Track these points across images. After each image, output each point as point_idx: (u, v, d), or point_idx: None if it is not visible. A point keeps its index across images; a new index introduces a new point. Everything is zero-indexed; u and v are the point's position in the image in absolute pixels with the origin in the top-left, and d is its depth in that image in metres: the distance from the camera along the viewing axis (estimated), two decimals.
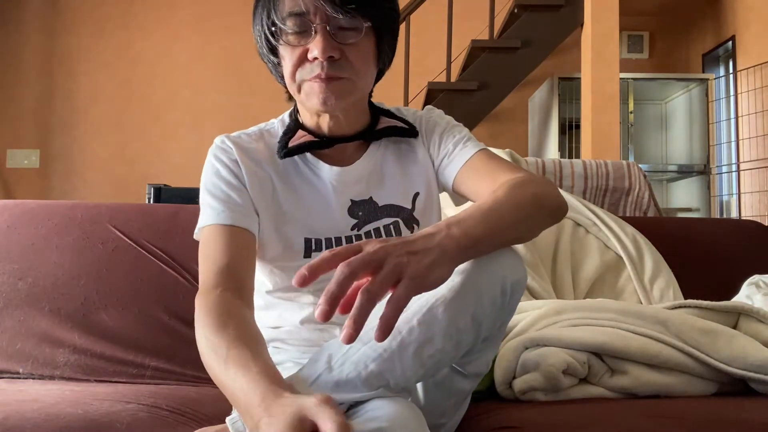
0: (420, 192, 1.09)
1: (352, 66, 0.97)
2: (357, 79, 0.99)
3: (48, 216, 1.54)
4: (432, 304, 0.81)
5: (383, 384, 0.82)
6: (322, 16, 0.94)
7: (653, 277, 1.60)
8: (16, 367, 1.39)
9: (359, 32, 0.96)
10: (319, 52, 0.94)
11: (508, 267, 0.86)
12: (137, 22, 4.93)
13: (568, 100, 4.34)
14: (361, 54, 0.98)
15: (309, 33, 0.95)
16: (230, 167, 1.05)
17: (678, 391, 1.17)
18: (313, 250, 1.03)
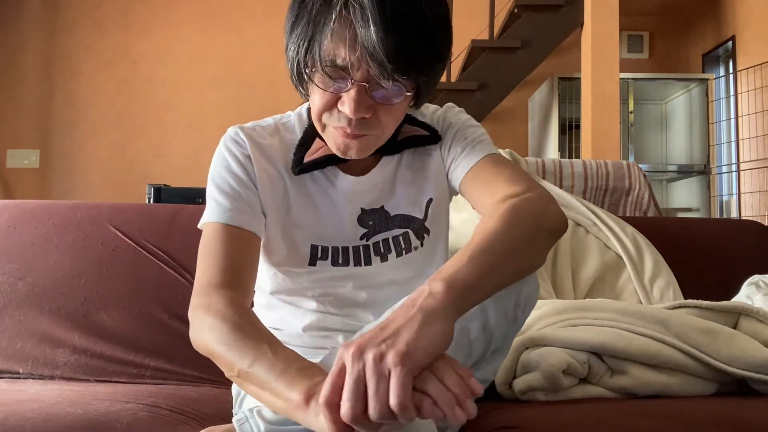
0: (433, 198, 1.04)
1: (380, 124, 0.90)
2: (383, 134, 0.93)
3: (48, 216, 1.54)
4: None
5: None
6: (364, 75, 0.83)
7: (653, 277, 1.60)
8: (16, 367, 1.39)
9: (400, 96, 0.87)
10: (349, 111, 0.85)
11: (525, 283, 0.84)
12: (137, 22, 4.93)
13: (568, 100, 4.34)
14: (393, 114, 0.91)
15: (345, 83, 0.85)
16: (242, 162, 0.98)
17: (678, 391, 1.17)
18: (318, 258, 1.00)
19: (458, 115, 1.08)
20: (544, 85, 4.57)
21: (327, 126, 0.92)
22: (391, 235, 1.01)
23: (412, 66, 0.82)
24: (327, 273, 1.00)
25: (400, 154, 1.04)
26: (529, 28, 3.99)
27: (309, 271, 1.00)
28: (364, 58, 0.81)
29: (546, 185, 1.81)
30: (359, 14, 0.80)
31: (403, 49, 0.80)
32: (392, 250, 1.01)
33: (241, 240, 0.94)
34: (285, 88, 1.03)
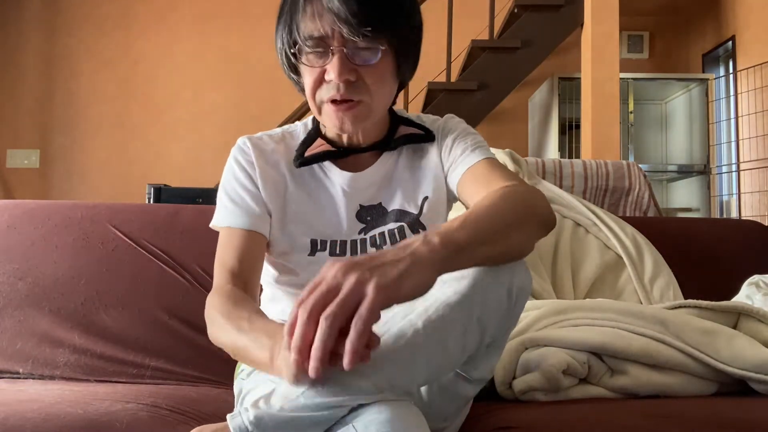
0: (429, 196, 1.09)
1: (368, 88, 0.98)
2: (372, 101, 1.00)
3: (48, 216, 1.54)
4: (437, 306, 0.81)
5: (387, 387, 0.82)
6: (339, 39, 0.94)
7: (653, 277, 1.60)
8: (16, 367, 1.39)
9: (376, 54, 0.96)
10: (335, 75, 0.95)
11: (516, 272, 0.86)
12: (137, 22, 4.93)
13: (568, 100, 4.34)
14: (377, 75, 0.98)
15: (327, 54, 0.96)
16: (246, 169, 1.07)
17: (678, 391, 1.17)
18: (318, 250, 1.05)
19: (458, 124, 1.14)
20: (544, 85, 4.57)
21: (322, 105, 1.01)
22: (387, 229, 1.07)
23: (375, 20, 0.93)
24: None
25: (398, 152, 1.11)
26: (529, 28, 3.99)
27: (309, 261, 1.05)
28: (334, 23, 0.93)
29: (546, 185, 1.81)
30: None
31: (364, 5, 0.92)
32: (387, 242, 1.06)
33: (247, 240, 1.03)
34: (285, 88, 1.10)
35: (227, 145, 4.46)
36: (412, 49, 1.04)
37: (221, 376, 1.38)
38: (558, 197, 1.76)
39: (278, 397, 0.83)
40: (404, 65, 1.04)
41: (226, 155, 1.12)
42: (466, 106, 4.00)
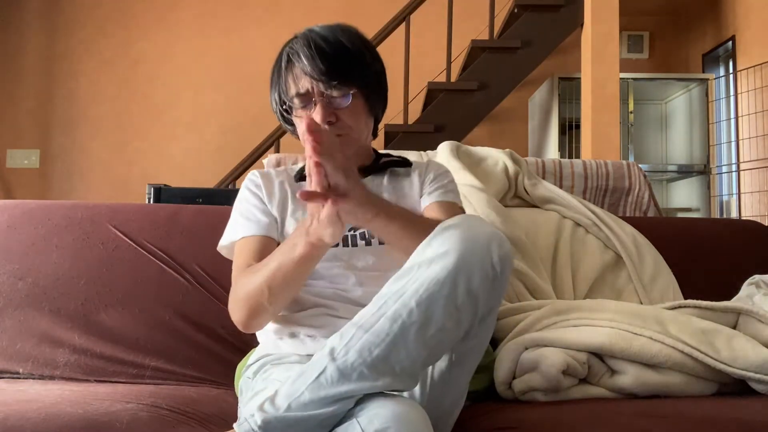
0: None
1: (346, 125, 1.19)
2: (353, 133, 1.21)
3: (48, 216, 1.54)
4: (428, 285, 0.88)
5: (389, 371, 0.86)
6: (318, 92, 1.18)
7: (653, 277, 1.60)
8: (16, 367, 1.39)
9: (347, 98, 1.19)
10: (319, 119, 1.16)
11: (494, 241, 0.93)
12: (137, 22, 4.93)
13: (568, 100, 4.33)
14: (353, 114, 1.21)
15: (311, 105, 1.19)
16: (255, 192, 1.28)
17: (678, 391, 1.17)
18: None
19: (444, 167, 1.37)
20: (544, 85, 4.57)
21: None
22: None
23: (341, 74, 1.17)
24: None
25: (383, 177, 1.31)
26: (529, 28, 3.99)
27: None
28: (311, 82, 1.17)
29: (546, 185, 1.81)
30: (296, 59, 1.20)
31: (329, 64, 1.17)
32: (375, 237, 1.21)
33: (262, 243, 1.21)
34: None
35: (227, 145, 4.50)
36: (378, 89, 1.26)
37: (221, 376, 1.39)
38: (558, 197, 1.76)
39: (283, 396, 0.86)
40: (374, 103, 1.25)
41: (226, 155, 1.15)
42: (466, 106, 4.00)
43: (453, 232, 0.92)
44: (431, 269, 0.89)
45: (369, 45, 1.28)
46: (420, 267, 0.91)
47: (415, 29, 4.13)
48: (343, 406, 0.86)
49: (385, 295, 0.91)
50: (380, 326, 0.87)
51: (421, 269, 0.90)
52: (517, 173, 1.79)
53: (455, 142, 1.85)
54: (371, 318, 0.88)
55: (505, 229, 1.58)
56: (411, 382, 0.91)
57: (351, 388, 0.86)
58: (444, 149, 1.82)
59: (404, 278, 0.91)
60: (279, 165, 1.92)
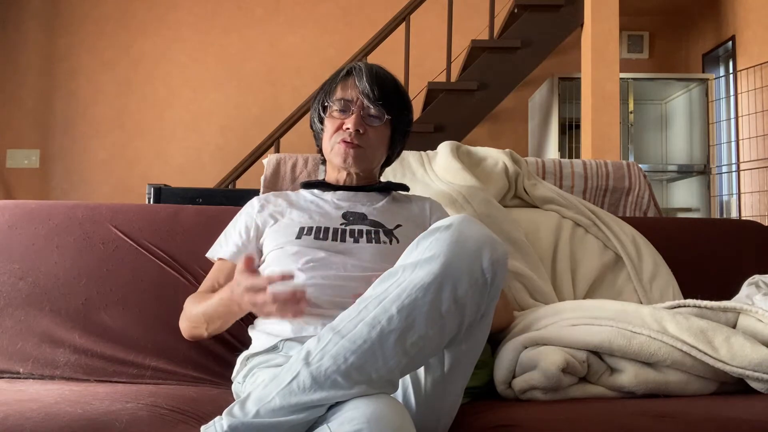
0: (402, 225, 1.34)
1: (370, 141, 1.34)
2: (371, 152, 1.36)
3: (48, 216, 1.54)
4: (410, 290, 0.85)
5: (365, 379, 0.83)
6: (359, 104, 1.34)
7: (653, 277, 1.60)
8: (16, 367, 1.39)
9: (381, 120, 1.35)
10: (351, 125, 1.32)
11: (486, 246, 0.89)
12: (137, 22, 4.93)
13: (568, 100, 4.33)
14: (378, 135, 1.36)
15: (348, 113, 1.34)
16: (248, 212, 1.39)
17: (677, 390, 1.17)
18: (304, 234, 1.28)
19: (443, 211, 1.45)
20: (544, 85, 4.57)
21: (335, 144, 1.35)
22: (365, 228, 1.31)
23: (385, 98, 1.34)
24: (309, 244, 1.26)
25: (384, 198, 1.41)
26: (529, 28, 3.99)
27: (294, 242, 1.27)
28: (359, 94, 1.34)
29: (546, 185, 1.82)
30: (357, 73, 1.35)
31: (380, 88, 1.34)
32: (364, 236, 1.28)
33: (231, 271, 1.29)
34: (284, 89, 1.30)
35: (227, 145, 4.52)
36: (404, 129, 1.42)
37: (221, 377, 1.39)
38: (558, 197, 1.76)
39: (253, 400, 0.84)
40: (396, 140, 1.41)
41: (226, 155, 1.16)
42: (466, 106, 4.00)
43: (442, 235, 0.89)
44: (416, 274, 0.86)
45: (410, 100, 1.45)
46: (405, 270, 0.88)
47: (415, 29, 4.13)
48: (314, 413, 0.83)
49: (366, 298, 0.88)
50: (358, 332, 0.84)
51: (405, 272, 0.87)
52: (517, 173, 1.79)
53: (455, 142, 1.85)
54: (349, 323, 0.86)
55: (505, 229, 1.59)
56: (389, 387, 0.87)
57: (323, 396, 0.82)
58: (444, 149, 1.82)
59: (388, 281, 0.89)
60: (279, 165, 1.92)
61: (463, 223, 0.92)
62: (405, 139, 1.45)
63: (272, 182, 1.90)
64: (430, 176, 1.78)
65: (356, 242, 1.27)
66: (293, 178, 1.90)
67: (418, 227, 1.31)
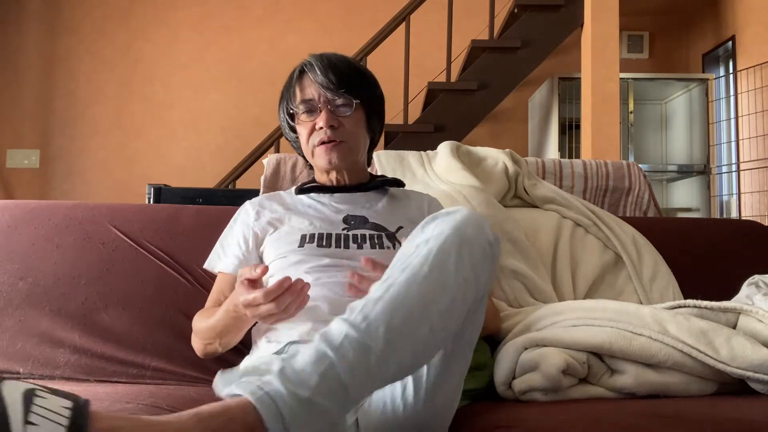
0: (404, 227, 1.32)
1: (348, 132, 1.31)
2: (352, 143, 1.32)
3: (48, 216, 1.54)
4: (436, 251, 0.85)
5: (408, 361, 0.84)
6: (324, 99, 1.29)
7: (653, 277, 1.60)
8: (16, 367, 1.39)
9: (351, 107, 1.30)
10: (323, 123, 1.29)
11: (486, 222, 0.93)
12: (137, 22, 4.93)
13: (568, 100, 4.33)
14: (354, 123, 1.32)
15: (316, 112, 1.31)
16: (244, 220, 1.36)
17: (677, 390, 1.17)
18: (306, 242, 1.26)
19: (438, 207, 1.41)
20: (544, 85, 4.57)
21: (314, 149, 1.31)
22: (368, 232, 1.29)
23: (347, 84, 1.29)
24: (312, 251, 1.24)
25: (380, 196, 1.39)
26: (529, 28, 3.99)
27: (297, 251, 1.25)
28: (320, 89, 1.29)
29: (546, 185, 1.81)
30: (309, 68, 1.31)
31: (338, 75, 1.29)
32: (367, 241, 1.27)
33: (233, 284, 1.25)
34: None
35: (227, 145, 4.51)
36: (377, 108, 1.38)
37: None
38: (558, 197, 1.76)
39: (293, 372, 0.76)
40: (373, 122, 1.38)
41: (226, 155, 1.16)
42: (466, 106, 4.00)
43: (446, 217, 0.92)
44: (431, 244, 0.86)
45: (372, 74, 1.39)
46: (418, 247, 0.87)
47: (415, 29, 4.13)
48: None
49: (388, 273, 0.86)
50: (395, 292, 0.82)
51: (419, 248, 0.86)
52: (517, 173, 1.79)
53: (455, 142, 1.85)
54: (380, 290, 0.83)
55: (505, 229, 1.58)
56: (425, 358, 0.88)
57: None
58: (444, 149, 1.82)
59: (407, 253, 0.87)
60: (279, 165, 1.92)
61: (462, 209, 0.95)
62: (382, 117, 1.41)
63: (272, 182, 1.90)
64: (430, 176, 1.78)
65: (359, 248, 1.25)
66: (293, 178, 1.90)
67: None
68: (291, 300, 1.01)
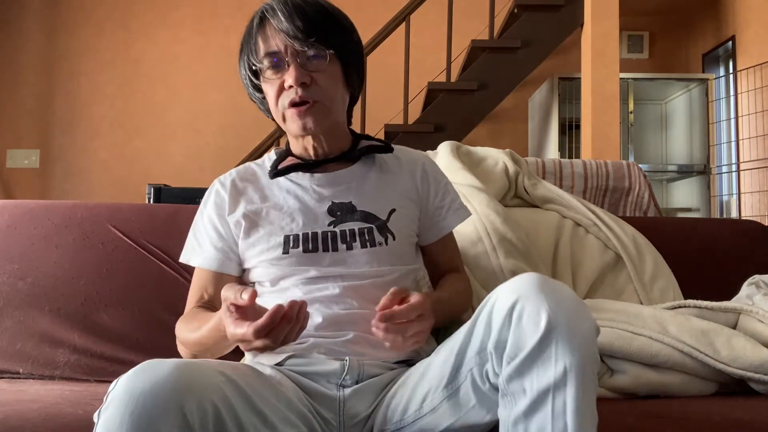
0: (396, 209, 1.17)
1: (322, 90, 1.10)
2: (328, 102, 1.12)
3: (48, 216, 1.54)
4: None
5: None
6: (292, 51, 1.09)
7: (653, 277, 1.60)
8: (16, 367, 1.39)
9: (324, 60, 1.10)
10: (292, 80, 1.08)
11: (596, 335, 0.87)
12: (138, 22, 4.93)
13: (568, 100, 4.33)
14: (329, 78, 1.11)
15: (284, 67, 1.10)
16: (218, 208, 1.20)
17: (678, 391, 1.17)
18: (291, 246, 1.12)
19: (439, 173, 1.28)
20: (544, 85, 4.57)
21: (285, 112, 1.12)
22: (357, 227, 1.14)
23: (319, 31, 1.08)
24: (299, 261, 1.12)
25: (367, 167, 1.21)
26: (529, 28, 3.99)
27: (282, 259, 1.12)
28: (286, 39, 1.08)
29: (546, 185, 1.81)
30: (271, 15, 1.10)
31: (307, 21, 1.08)
32: (357, 239, 1.13)
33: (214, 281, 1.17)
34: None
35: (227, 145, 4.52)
36: (355, 58, 1.16)
37: None
38: (558, 197, 1.76)
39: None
40: (351, 74, 1.16)
41: (226, 155, 1.15)
42: (466, 106, 4.00)
43: (563, 338, 0.80)
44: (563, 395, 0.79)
45: (346, 15, 1.18)
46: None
47: (415, 29, 4.13)
48: None
49: None
50: None
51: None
52: (517, 173, 1.79)
53: (455, 142, 1.85)
54: None
55: (505, 228, 1.58)
56: None
57: None
58: (444, 149, 1.82)
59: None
60: None
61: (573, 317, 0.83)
62: (362, 68, 1.19)
63: None
64: None
65: (349, 248, 1.12)
66: None
67: (413, 203, 1.21)
68: (290, 328, 0.89)
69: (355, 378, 1.01)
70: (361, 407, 1.00)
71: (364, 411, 1.00)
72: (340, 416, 0.99)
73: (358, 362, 1.03)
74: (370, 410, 1.00)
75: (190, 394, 0.77)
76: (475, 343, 0.89)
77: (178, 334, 1.16)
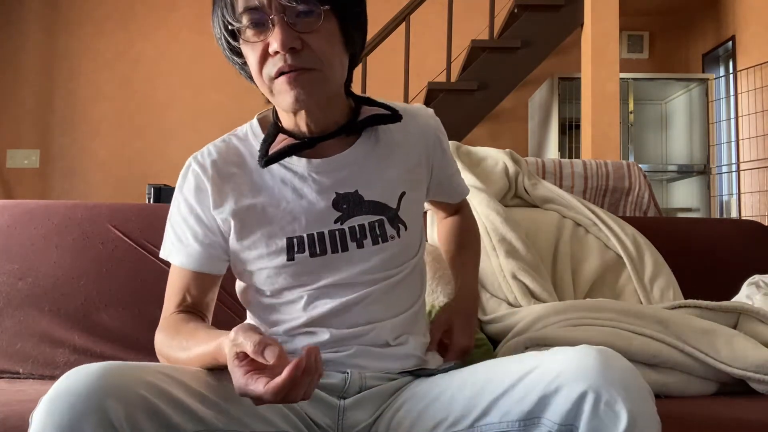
0: (406, 192, 1.03)
1: (316, 55, 0.90)
2: (325, 69, 0.92)
3: (48, 216, 1.54)
4: None
5: None
6: (277, 7, 0.88)
7: (653, 277, 1.60)
8: (16, 367, 1.39)
9: (318, 17, 0.89)
10: (278, 45, 0.88)
11: None
12: (137, 22, 4.93)
13: (568, 100, 4.33)
14: (324, 40, 0.91)
15: (267, 26, 0.89)
16: (199, 191, 1.01)
17: (678, 390, 1.17)
18: (296, 252, 0.97)
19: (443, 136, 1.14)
20: (544, 85, 4.57)
21: (272, 83, 0.93)
22: (366, 221, 0.99)
23: None
24: (307, 266, 0.97)
25: (371, 143, 1.03)
26: (529, 28, 3.99)
27: (287, 267, 0.98)
28: None
29: (546, 185, 1.81)
30: None
31: None
32: (368, 236, 0.98)
33: (196, 281, 1.04)
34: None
35: None
36: (356, 10, 0.95)
37: None
38: (558, 197, 1.76)
39: None
40: (351, 30, 0.95)
41: None
42: (466, 106, 4.00)
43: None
44: None
45: None
46: None
47: (415, 29, 4.13)
48: None
49: None
50: None
51: None
52: (517, 173, 1.79)
53: (455, 142, 1.85)
54: None
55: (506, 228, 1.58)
56: None
57: None
58: None
59: None
60: None
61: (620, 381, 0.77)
62: (364, 22, 0.98)
63: None
64: None
65: (360, 246, 0.98)
66: None
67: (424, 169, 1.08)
68: (309, 380, 0.75)
69: (356, 389, 0.96)
70: (362, 416, 0.95)
71: (365, 420, 0.95)
72: (338, 424, 0.94)
73: (360, 375, 0.97)
74: (372, 419, 0.95)
75: (113, 393, 0.74)
76: (517, 407, 0.81)
77: (160, 349, 0.99)
